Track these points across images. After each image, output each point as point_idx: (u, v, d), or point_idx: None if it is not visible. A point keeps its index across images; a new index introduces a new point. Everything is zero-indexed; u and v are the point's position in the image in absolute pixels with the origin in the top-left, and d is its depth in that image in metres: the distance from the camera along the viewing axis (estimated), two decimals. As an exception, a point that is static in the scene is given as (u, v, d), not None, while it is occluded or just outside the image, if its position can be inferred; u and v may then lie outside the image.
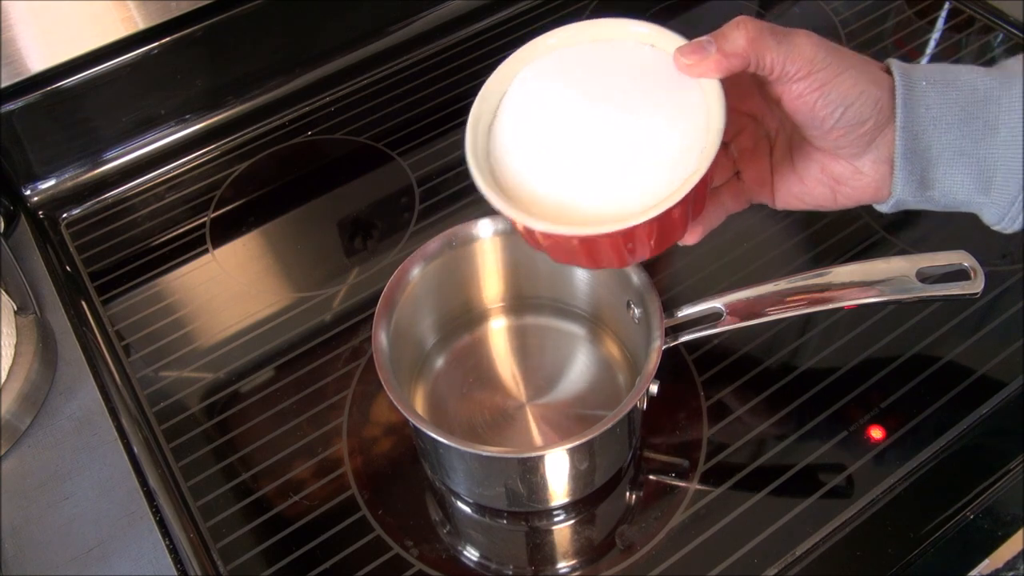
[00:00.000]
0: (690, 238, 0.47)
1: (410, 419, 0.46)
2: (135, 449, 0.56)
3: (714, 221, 0.48)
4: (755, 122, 0.47)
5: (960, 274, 0.49)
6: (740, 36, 0.39)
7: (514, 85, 0.45)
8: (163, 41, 0.71)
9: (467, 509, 0.54)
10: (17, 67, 0.66)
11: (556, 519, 0.53)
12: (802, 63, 0.39)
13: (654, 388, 0.48)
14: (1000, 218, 0.43)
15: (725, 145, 0.46)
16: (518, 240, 0.55)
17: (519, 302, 0.58)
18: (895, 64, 0.42)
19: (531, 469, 0.49)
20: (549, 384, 0.55)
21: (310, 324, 0.62)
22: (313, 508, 0.53)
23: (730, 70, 0.40)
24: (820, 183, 0.45)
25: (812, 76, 0.39)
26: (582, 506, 0.53)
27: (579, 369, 0.56)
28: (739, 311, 0.50)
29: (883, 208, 0.45)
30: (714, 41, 0.40)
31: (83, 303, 0.65)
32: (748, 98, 0.46)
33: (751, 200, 0.49)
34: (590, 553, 0.52)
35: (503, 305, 0.59)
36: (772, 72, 0.40)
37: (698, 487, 0.53)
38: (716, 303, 0.50)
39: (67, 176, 0.73)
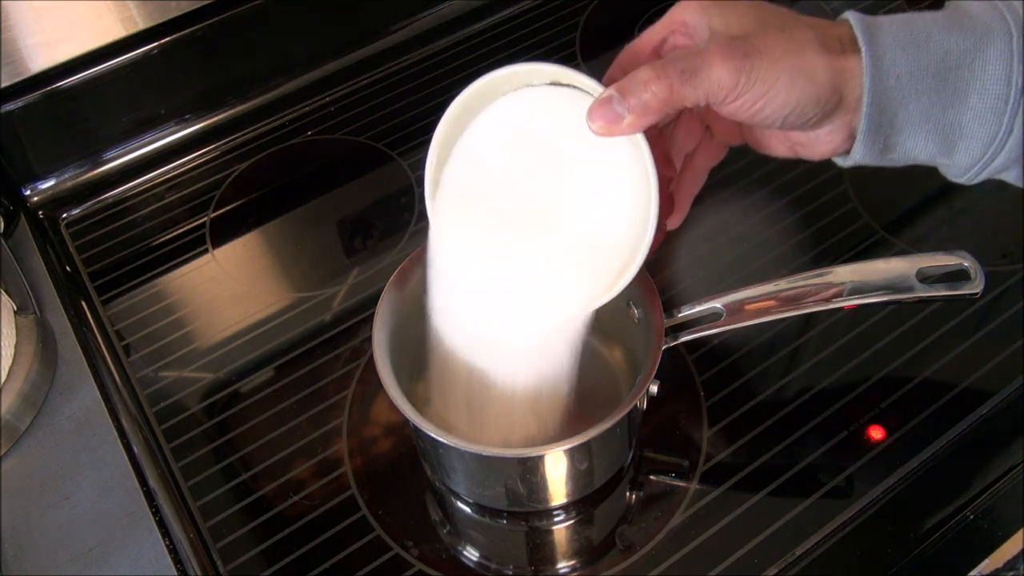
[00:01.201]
0: (673, 225, 0.46)
1: (410, 419, 0.46)
2: (135, 449, 0.56)
3: (695, 189, 0.47)
4: None
5: (960, 274, 0.49)
6: (651, 98, 0.37)
7: (447, 171, 0.45)
8: (163, 41, 0.71)
9: (467, 509, 0.54)
10: (17, 67, 0.66)
11: (556, 519, 0.53)
12: (726, 92, 0.37)
13: (654, 388, 0.48)
14: (960, 176, 0.42)
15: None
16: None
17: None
18: (859, 28, 0.38)
19: (531, 469, 0.49)
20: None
21: (310, 324, 0.62)
22: (313, 508, 0.53)
23: (647, 126, 0.38)
24: (780, 143, 0.44)
25: (740, 99, 0.38)
26: (582, 506, 0.53)
27: (579, 369, 0.56)
28: (739, 311, 0.50)
29: (842, 164, 0.43)
30: (624, 100, 0.37)
31: (83, 303, 0.65)
32: None
33: (727, 147, 0.47)
34: (590, 553, 0.52)
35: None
36: (699, 106, 0.38)
37: (698, 487, 0.53)
38: (716, 303, 0.50)
39: (67, 176, 0.73)
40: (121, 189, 0.73)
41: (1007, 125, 0.38)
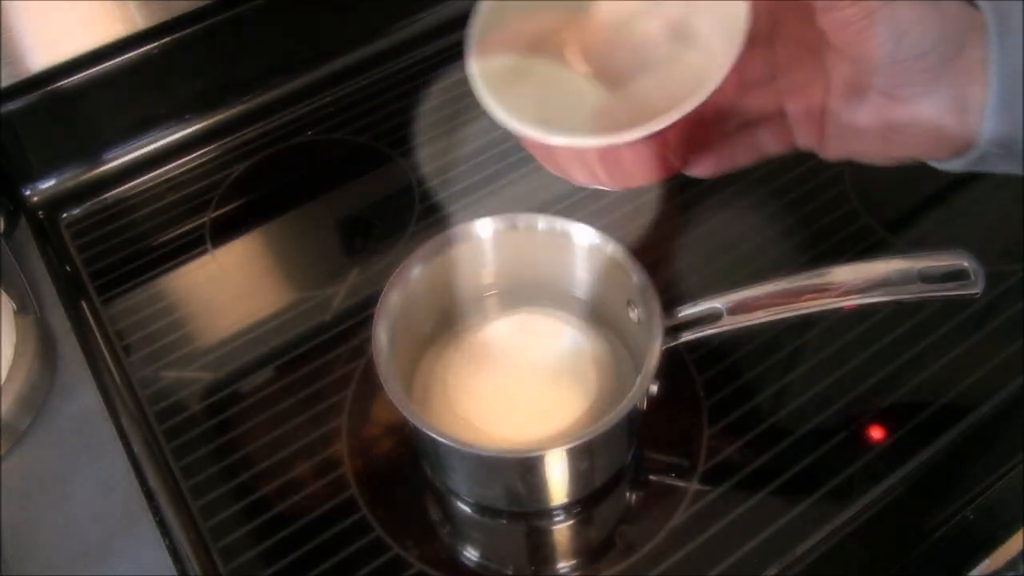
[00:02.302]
0: (702, 168, 0.42)
1: (410, 419, 0.46)
2: (135, 449, 0.56)
3: (742, 158, 0.43)
4: (814, 56, 0.40)
5: (960, 274, 0.49)
6: None
7: None
8: (163, 41, 0.71)
9: (467, 509, 0.54)
10: (17, 67, 0.66)
11: (556, 519, 0.53)
12: None
13: (654, 388, 0.48)
14: None
15: (770, 81, 0.41)
16: (518, 239, 0.55)
17: (519, 302, 0.58)
18: None
19: (531, 469, 0.49)
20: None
21: (310, 324, 0.62)
22: (313, 508, 0.53)
23: None
24: (873, 130, 0.38)
25: (859, 3, 0.33)
26: (582, 506, 0.53)
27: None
28: (739, 311, 0.50)
29: (947, 167, 0.38)
30: None
31: (83, 303, 0.65)
32: (806, 30, 0.39)
33: (796, 144, 0.42)
34: (590, 553, 0.52)
35: (503, 305, 0.59)
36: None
37: (698, 487, 0.53)
38: (716, 303, 0.50)
39: (67, 176, 0.73)
40: (121, 189, 0.73)
41: None
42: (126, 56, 0.70)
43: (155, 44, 0.71)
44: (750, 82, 0.41)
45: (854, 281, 0.49)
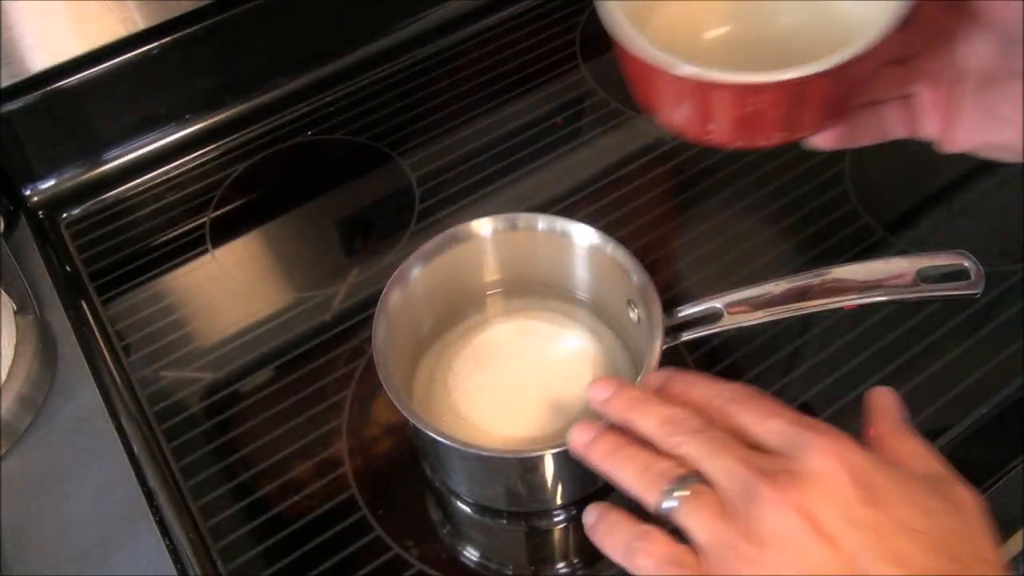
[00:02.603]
0: (825, 139, 0.41)
1: (410, 419, 0.46)
2: (135, 449, 0.56)
3: (864, 137, 0.42)
4: (948, 44, 0.39)
5: (960, 274, 0.49)
6: None
7: None
8: (163, 41, 0.71)
9: (467, 509, 0.54)
10: (17, 67, 0.66)
11: (556, 519, 0.53)
12: None
13: (654, 388, 0.48)
14: None
15: (902, 62, 0.41)
16: (518, 239, 0.55)
17: (519, 302, 0.58)
18: None
19: (531, 469, 0.49)
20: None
21: (310, 324, 0.62)
22: (313, 508, 0.53)
23: None
24: (1010, 120, 0.37)
25: None
26: (582, 506, 0.53)
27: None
28: (739, 311, 0.50)
29: None
30: None
31: (83, 303, 0.65)
32: (944, 15, 0.39)
33: (918, 132, 0.41)
34: (590, 553, 0.52)
35: (503, 305, 0.59)
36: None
37: (698, 487, 0.53)
38: (716, 303, 0.50)
39: (67, 176, 0.73)
40: (121, 189, 0.73)
41: None
42: (126, 56, 0.70)
43: (155, 44, 0.71)
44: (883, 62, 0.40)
45: (854, 281, 0.49)
